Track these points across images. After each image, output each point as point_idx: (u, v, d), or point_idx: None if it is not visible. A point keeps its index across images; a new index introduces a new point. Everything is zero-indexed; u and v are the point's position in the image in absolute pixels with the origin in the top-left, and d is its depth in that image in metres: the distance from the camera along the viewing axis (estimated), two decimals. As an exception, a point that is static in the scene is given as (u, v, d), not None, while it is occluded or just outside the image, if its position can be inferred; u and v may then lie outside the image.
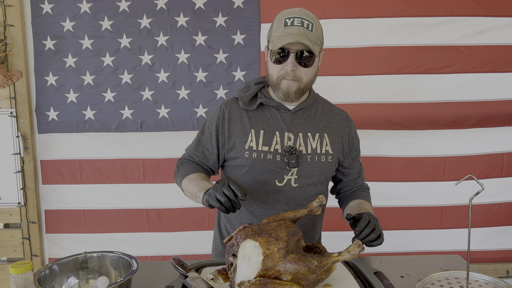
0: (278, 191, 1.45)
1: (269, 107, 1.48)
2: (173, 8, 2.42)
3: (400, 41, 2.40)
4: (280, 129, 1.45)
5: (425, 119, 2.46)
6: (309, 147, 1.46)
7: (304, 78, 1.39)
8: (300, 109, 1.48)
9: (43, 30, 2.44)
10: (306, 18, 1.37)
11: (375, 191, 2.46)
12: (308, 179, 1.46)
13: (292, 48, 1.35)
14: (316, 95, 1.56)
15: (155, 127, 2.49)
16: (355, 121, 2.42)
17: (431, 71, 2.43)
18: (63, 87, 2.48)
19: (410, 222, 2.56)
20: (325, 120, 1.51)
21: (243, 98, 1.48)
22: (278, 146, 1.44)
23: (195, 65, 2.46)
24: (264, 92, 1.50)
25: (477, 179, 1.12)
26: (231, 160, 1.49)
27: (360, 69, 2.43)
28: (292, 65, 1.36)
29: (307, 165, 1.45)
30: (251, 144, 1.44)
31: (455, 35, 2.40)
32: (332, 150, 1.48)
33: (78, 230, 2.59)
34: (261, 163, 1.43)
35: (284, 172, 1.44)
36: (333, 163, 1.50)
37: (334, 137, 1.50)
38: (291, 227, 1.21)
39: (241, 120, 1.47)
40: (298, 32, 1.33)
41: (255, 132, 1.45)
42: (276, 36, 1.36)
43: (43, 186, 2.56)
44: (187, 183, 1.44)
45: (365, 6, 2.38)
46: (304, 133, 1.46)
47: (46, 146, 2.53)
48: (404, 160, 2.50)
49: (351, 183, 1.60)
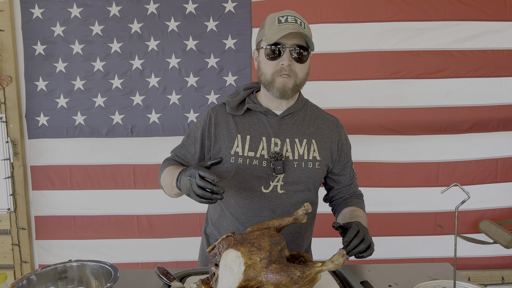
0: (264, 198, 1.43)
1: (256, 113, 1.46)
2: (164, 13, 2.41)
3: (393, 45, 2.39)
4: (266, 135, 1.43)
5: (418, 124, 2.44)
6: (296, 153, 1.43)
7: (299, 74, 1.37)
8: (288, 114, 1.46)
9: (33, 35, 2.43)
10: (298, 17, 1.38)
11: (367, 197, 2.43)
12: (294, 186, 1.43)
13: (287, 43, 1.34)
14: (305, 100, 1.53)
15: (145, 132, 2.48)
16: (347, 126, 2.41)
17: (424, 76, 2.41)
18: (53, 92, 2.47)
19: (403, 228, 2.53)
20: (314, 126, 1.48)
21: (230, 103, 1.46)
22: (264, 151, 1.42)
23: (186, 70, 2.44)
24: (252, 97, 1.48)
25: (463, 187, 1.10)
26: (217, 166, 1.46)
27: (352, 74, 2.41)
28: (288, 59, 1.34)
29: (293, 172, 1.42)
30: (237, 150, 1.42)
31: (448, 40, 2.39)
32: (320, 156, 1.46)
33: (68, 236, 2.57)
34: (247, 168, 1.41)
35: (270, 178, 1.42)
36: (321, 170, 1.47)
37: (322, 143, 1.47)
38: (275, 236, 1.19)
39: (227, 125, 1.45)
40: (293, 27, 1.33)
41: (241, 138, 1.43)
42: (271, 33, 1.35)
43: (33, 192, 2.54)
44: (163, 177, 1.43)
45: (357, 10, 2.37)
46: (291, 138, 1.44)
47: (36, 152, 2.51)
48: (397, 165, 2.48)
49: (343, 190, 1.57)
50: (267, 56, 1.37)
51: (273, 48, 1.35)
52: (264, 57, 1.38)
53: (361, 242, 1.22)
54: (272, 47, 1.35)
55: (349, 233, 1.22)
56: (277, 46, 1.35)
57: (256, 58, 1.45)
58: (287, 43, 1.34)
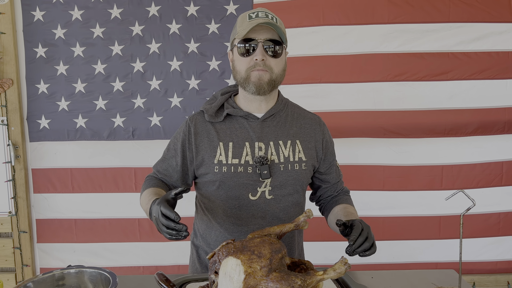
0: (252, 205, 1.39)
1: (237, 117, 1.41)
2: (165, 15, 2.39)
3: (396, 47, 2.36)
4: (249, 139, 1.39)
5: (422, 127, 2.41)
6: (281, 155, 1.39)
7: (274, 69, 1.33)
8: (270, 116, 1.41)
9: (34, 38, 2.42)
10: (269, 12, 1.35)
11: (370, 200, 2.49)
12: (283, 190, 1.40)
13: (260, 38, 1.31)
14: (286, 100, 1.48)
15: (147, 135, 2.46)
16: (350, 129, 2.43)
17: (427, 78, 2.38)
18: (54, 95, 2.46)
19: (407, 232, 2.51)
20: (297, 126, 1.44)
21: (208, 111, 1.41)
22: (249, 157, 1.37)
23: (187, 73, 2.43)
24: (231, 102, 1.43)
25: (468, 194, 1.08)
26: (202, 177, 1.42)
27: (354, 76, 2.38)
28: (262, 54, 1.30)
29: (280, 175, 1.39)
30: (220, 158, 1.38)
31: (452, 42, 2.36)
32: (305, 157, 1.42)
33: (70, 239, 2.55)
34: (232, 177, 1.37)
35: (257, 184, 1.38)
36: (308, 171, 1.44)
37: (307, 143, 1.44)
38: (275, 243, 1.16)
39: (208, 134, 1.40)
40: (264, 20, 1.29)
41: (224, 145, 1.38)
42: (242, 29, 1.33)
43: (34, 195, 2.53)
44: (142, 203, 1.39)
45: (360, 12, 2.35)
46: (275, 141, 1.40)
47: (38, 155, 2.50)
48: (400, 168, 2.45)
49: (331, 188, 1.53)
50: (240, 53, 1.34)
51: (246, 45, 1.32)
52: (237, 55, 1.35)
53: (365, 240, 1.18)
54: (244, 44, 1.32)
55: (354, 231, 1.17)
56: (250, 42, 1.31)
57: (231, 59, 1.41)
58: (259, 38, 1.31)
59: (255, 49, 1.32)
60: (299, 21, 2.36)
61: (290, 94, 2.35)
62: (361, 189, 2.45)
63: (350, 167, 2.45)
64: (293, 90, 2.39)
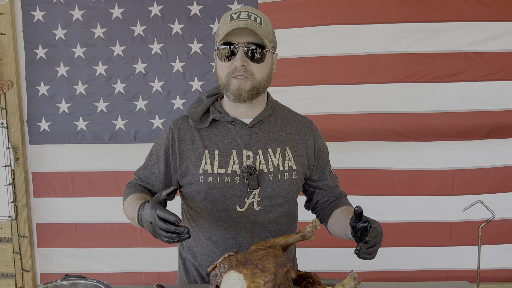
0: (240, 217, 1.32)
1: (223, 123, 1.32)
2: (167, 15, 2.34)
3: (406, 48, 2.29)
4: (237, 147, 1.31)
5: (433, 129, 2.34)
6: (271, 164, 1.32)
7: (257, 75, 1.24)
8: (258, 122, 1.34)
9: (34, 38, 2.38)
10: (253, 12, 1.25)
11: (379, 206, 2.42)
12: (272, 200, 1.33)
13: (240, 41, 1.23)
14: (276, 104, 1.39)
15: (149, 138, 2.40)
16: (358, 132, 2.35)
17: (439, 79, 2.31)
18: (54, 97, 2.41)
19: (417, 238, 2.43)
20: (287, 132, 1.37)
21: (193, 115, 1.32)
22: (236, 166, 1.30)
23: (190, 74, 2.37)
24: (217, 106, 1.35)
25: (487, 205, 1.00)
26: (186, 187, 1.34)
27: (363, 77, 2.32)
28: (242, 59, 1.22)
29: (269, 185, 1.31)
30: (205, 168, 1.30)
31: (464, 41, 2.28)
32: (296, 165, 1.35)
33: (71, 244, 2.51)
34: (219, 187, 1.30)
35: (244, 195, 1.30)
36: (299, 179, 1.37)
37: (297, 150, 1.36)
38: (280, 256, 1.09)
39: (192, 140, 1.32)
40: (244, 23, 1.20)
41: (209, 153, 1.30)
42: (222, 32, 1.23)
43: (34, 199, 2.49)
44: (126, 209, 1.31)
45: (369, 11, 2.27)
46: (264, 149, 1.32)
47: (38, 158, 2.46)
48: (410, 173, 2.38)
49: (327, 194, 1.45)
50: (220, 57, 1.26)
51: (225, 48, 1.23)
52: (218, 58, 1.27)
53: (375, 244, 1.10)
54: (224, 46, 1.23)
55: (373, 231, 1.07)
56: (230, 46, 1.23)
57: (216, 61, 1.34)
58: (239, 41, 1.22)
59: (235, 53, 1.23)
60: (305, 20, 2.30)
61: (296, 96, 2.36)
62: (370, 194, 2.39)
63: (359, 171, 2.38)
64: (299, 92, 2.33)
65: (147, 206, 1.09)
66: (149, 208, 1.07)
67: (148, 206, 1.08)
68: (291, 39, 2.29)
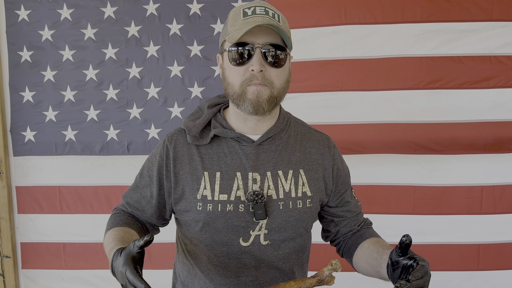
0: (243, 253, 1.11)
1: (227, 139, 1.14)
2: (164, 14, 2.17)
3: (430, 50, 2.10)
4: (242, 169, 1.11)
5: (459, 141, 2.15)
6: (281, 190, 1.12)
7: (276, 82, 1.06)
8: (268, 139, 1.14)
9: (18, 40, 2.23)
10: (270, 8, 1.07)
11: (398, 226, 2.21)
12: (282, 233, 1.12)
13: (258, 42, 1.03)
14: (288, 117, 1.21)
15: (143, 150, 2.25)
16: (376, 143, 2.14)
17: (466, 86, 2.12)
18: (41, 104, 2.27)
19: (441, 262, 2.24)
20: (300, 151, 1.17)
21: (191, 130, 1.13)
22: (240, 192, 1.10)
23: (189, 79, 2.20)
24: (220, 119, 1.16)
25: None
26: (182, 214, 1.14)
27: (381, 83, 2.13)
28: (259, 63, 1.02)
29: (279, 215, 1.11)
30: (204, 193, 1.10)
31: (495, 43, 2.09)
32: (311, 191, 1.14)
33: (58, 265, 2.38)
34: (219, 217, 1.09)
35: (249, 227, 1.10)
36: (314, 208, 1.16)
37: (313, 173, 1.16)
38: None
39: (190, 160, 1.13)
40: (263, 20, 1.02)
41: (210, 176, 1.11)
42: (234, 30, 1.04)
43: (18, 215, 2.37)
44: (104, 246, 1.10)
45: (388, 9, 2.09)
46: (274, 171, 1.12)
47: (22, 171, 2.33)
48: (433, 189, 2.19)
49: (350, 222, 1.24)
50: (232, 61, 1.05)
51: (239, 50, 1.04)
52: (228, 62, 1.07)
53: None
54: (237, 48, 1.04)
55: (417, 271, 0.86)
56: (244, 47, 1.03)
57: (220, 65, 1.13)
58: (257, 41, 1.03)
59: (251, 56, 1.03)
60: (317, 20, 2.11)
61: (306, 104, 2.14)
62: (388, 213, 2.20)
63: (376, 187, 2.19)
64: (310, 99, 2.14)
65: (120, 259, 0.88)
66: (121, 264, 0.86)
67: (121, 260, 0.87)
68: (301, 40, 2.11)
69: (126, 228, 1.11)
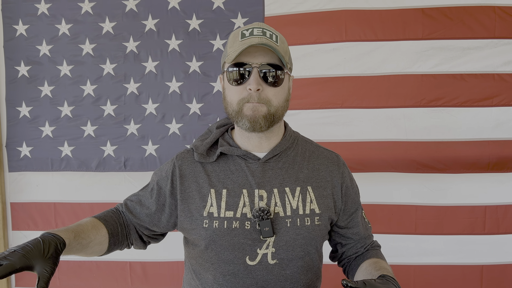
0: (250, 272, 1.09)
1: (233, 157, 1.14)
2: (163, 30, 2.14)
3: (431, 68, 2.07)
4: (248, 186, 1.11)
5: (462, 160, 2.10)
6: (288, 207, 1.10)
7: (273, 101, 1.07)
8: (274, 156, 1.13)
9: (16, 55, 2.21)
10: (268, 29, 1.09)
11: (401, 246, 2.14)
12: (290, 252, 1.09)
13: (255, 62, 1.04)
14: (295, 135, 1.21)
15: (141, 166, 2.20)
16: (376, 162, 2.10)
17: (468, 104, 2.08)
18: (37, 119, 2.23)
19: (444, 283, 2.17)
20: (308, 168, 1.16)
21: (198, 148, 1.15)
22: (247, 209, 1.09)
23: (188, 95, 2.16)
24: (227, 137, 1.17)
25: None
26: (186, 232, 1.15)
27: (382, 100, 2.09)
28: (256, 82, 1.04)
29: (287, 233, 1.09)
30: (210, 210, 1.09)
31: (498, 61, 2.05)
32: (319, 208, 1.12)
33: (52, 284, 2.29)
34: (225, 234, 1.08)
35: (256, 245, 1.08)
36: (323, 226, 1.13)
37: (321, 190, 1.14)
38: None
39: (196, 177, 1.14)
40: (259, 40, 1.04)
41: (216, 193, 1.11)
42: (232, 51, 1.06)
43: (13, 232, 2.32)
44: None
45: (389, 27, 2.06)
46: (281, 188, 1.11)
47: (17, 187, 2.28)
48: (436, 209, 2.13)
49: (357, 244, 1.23)
50: (230, 80, 1.07)
51: (237, 70, 1.05)
52: (228, 82, 1.09)
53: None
54: (235, 68, 1.06)
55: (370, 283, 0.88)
56: (242, 67, 1.05)
57: (222, 86, 1.15)
58: (254, 61, 1.04)
59: (249, 75, 1.04)
60: (318, 37, 2.07)
61: (306, 121, 2.09)
62: (389, 233, 2.15)
63: (376, 207, 2.14)
64: (310, 117, 2.10)
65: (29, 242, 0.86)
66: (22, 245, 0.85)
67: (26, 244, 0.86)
68: (301, 57, 2.08)
69: (95, 221, 1.10)
